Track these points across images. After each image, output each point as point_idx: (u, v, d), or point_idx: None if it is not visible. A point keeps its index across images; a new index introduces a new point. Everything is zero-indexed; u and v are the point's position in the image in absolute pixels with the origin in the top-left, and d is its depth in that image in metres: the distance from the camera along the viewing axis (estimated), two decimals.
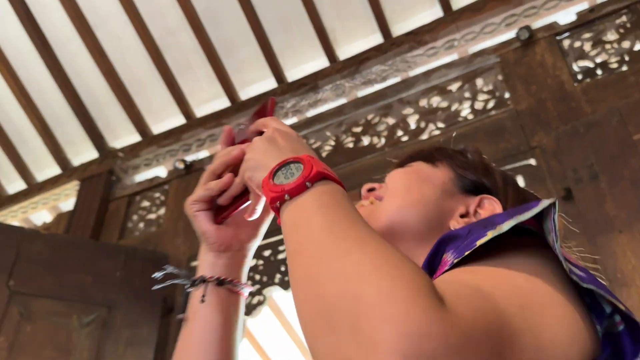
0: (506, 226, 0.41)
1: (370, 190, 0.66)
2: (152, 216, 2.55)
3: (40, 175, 2.92)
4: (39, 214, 2.92)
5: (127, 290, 2.14)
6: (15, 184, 2.98)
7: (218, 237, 0.59)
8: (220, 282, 0.59)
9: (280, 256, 2.09)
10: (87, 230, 2.47)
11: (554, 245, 0.41)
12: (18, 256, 2.05)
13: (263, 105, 0.59)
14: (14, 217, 2.86)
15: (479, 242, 0.41)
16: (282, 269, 2.06)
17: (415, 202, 0.60)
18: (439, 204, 0.61)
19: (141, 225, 2.56)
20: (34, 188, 2.87)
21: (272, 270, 2.07)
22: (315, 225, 0.38)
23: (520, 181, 1.94)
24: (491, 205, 0.60)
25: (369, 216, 0.58)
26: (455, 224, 0.59)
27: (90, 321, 2.04)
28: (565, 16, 2.07)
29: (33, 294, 2.03)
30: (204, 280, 0.59)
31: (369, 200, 0.65)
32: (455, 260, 0.42)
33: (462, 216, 0.61)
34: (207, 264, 0.60)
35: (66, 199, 2.79)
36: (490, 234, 0.41)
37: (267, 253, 2.11)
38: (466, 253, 0.41)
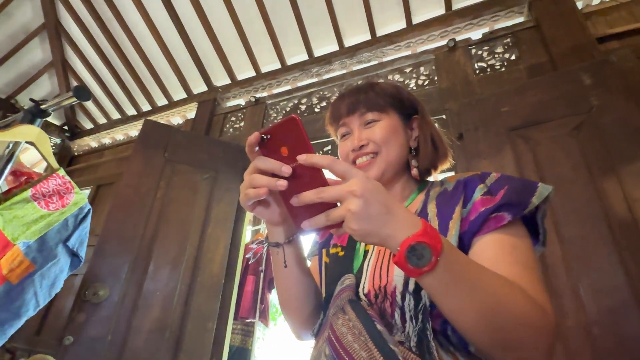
0: (545, 191, 0.53)
1: (362, 146, 0.70)
2: (236, 125, 2.96)
3: (176, 97, 3.46)
4: (174, 119, 3.48)
5: (225, 163, 2.45)
6: (160, 101, 3.54)
7: (281, 223, 0.60)
8: (289, 241, 0.62)
9: None
10: (202, 131, 2.92)
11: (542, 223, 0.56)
12: (168, 141, 2.38)
13: (291, 122, 0.46)
14: (161, 119, 3.44)
15: (527, 211, 0.52)
16: None
17: (399, 149, 0.71)
18: (406, 140, 0.73)
19: (231, 130, 2.97)
20: (172, 104, 3.43)
21: None
22: (465, 281, 0.43)
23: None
24: (416, 123, 0.75)
25: (370, 166, 0.69)
26: (413, 143, 0.74)
27: (207, 177, 2.37)
28: (476, 35, 2.37)
29: (177, 161, 2.35)
30: (277, 245, 0.62)
31: (368, 156, 0.70)
32: (511, 219, 0.51)
33: (412, 137, 0.74)
34: (276, 233, 0.62)
35: (190, 111, 3.31)
36: (535, 201, 0.52)
37: None
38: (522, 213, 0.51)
